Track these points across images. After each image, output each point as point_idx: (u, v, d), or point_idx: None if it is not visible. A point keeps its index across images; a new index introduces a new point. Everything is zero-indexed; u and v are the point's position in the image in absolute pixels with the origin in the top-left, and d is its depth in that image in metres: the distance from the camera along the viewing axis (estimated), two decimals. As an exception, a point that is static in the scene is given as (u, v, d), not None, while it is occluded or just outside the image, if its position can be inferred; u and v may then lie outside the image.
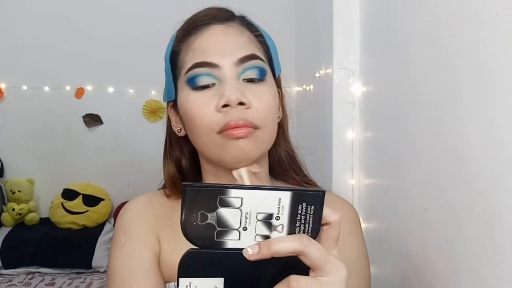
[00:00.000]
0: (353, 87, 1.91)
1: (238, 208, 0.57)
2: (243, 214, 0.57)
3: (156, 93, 4.18)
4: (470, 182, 1.04)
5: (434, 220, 1.24)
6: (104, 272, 3.70)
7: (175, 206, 1.07)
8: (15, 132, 4.19)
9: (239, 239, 0.58)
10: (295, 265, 0.58)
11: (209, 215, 0.56)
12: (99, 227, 3.99)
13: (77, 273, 3.71)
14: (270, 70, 1.01)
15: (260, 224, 0.58)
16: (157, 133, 1.15)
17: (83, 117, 4.24)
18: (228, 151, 0.91)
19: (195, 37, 0.97)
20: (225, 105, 0.89)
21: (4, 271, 3.65)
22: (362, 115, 1.89)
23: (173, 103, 1.04)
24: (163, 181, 1.12)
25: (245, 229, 0.58)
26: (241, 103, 0.90)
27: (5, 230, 3.87)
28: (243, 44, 0.96)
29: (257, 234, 0.58)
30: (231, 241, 0.58)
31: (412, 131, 1.38)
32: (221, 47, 0.95)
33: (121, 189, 4.20)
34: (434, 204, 1.24)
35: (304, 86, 3.04)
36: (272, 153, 1.10)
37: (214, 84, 0.93)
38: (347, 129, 1.94)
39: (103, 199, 4.10)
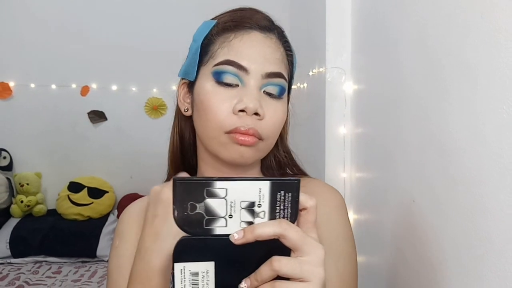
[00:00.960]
0: (345, 85, 1.91)
1: (223, 198, 0.60)
2: (228, 203, 0.60)
3: (157, 91, 4.18)
4: (455, 175, 1.04)
5: (421, 211, 1.24)
6: (108, 261, 3.69)
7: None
8: (23, 128, 4.19)
9: (226, 226, 0.61)
10: (278, 248, 0.60)
11: (197, 205, 0.59)
12: (103, 218, 3.99)
13: (83, 261, 3.72)
14: (288, 87, 1.04)
15: (244, 211, 0.61)
16: (158, 129, 1.16)
17: (88, 113, 4.24)
18: (229, 152, 0.94)
19: (235, 35, 0.97)
20: (242, 110, 0.91)
21: (13, 260, 3.64)
22: (353, 112, 1.89)
23: (189, 83, 1.04)
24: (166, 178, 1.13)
25: (230, 216, 0.61)
26: (256, 114, 0.92)
27: (14, 221, 3.87)
28: (276, 60, 0.97)
29: (242, 221, 0.61)
30: (219, 228, 0.61)
31: (400, 127, 1.38)
32: (256, 55, 0.95)
33: (124, 182, 4.21)
34: (421, 196, 1.24)
35: (298, 84, 3.04)
36: (270, 156, 1.10)
37: (237, 85, 0.94)
38: (339, 125, 1.94)
39: (107, 192, 4.10)
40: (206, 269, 0.61)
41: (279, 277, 0.60)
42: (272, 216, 0.62)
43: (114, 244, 1.04)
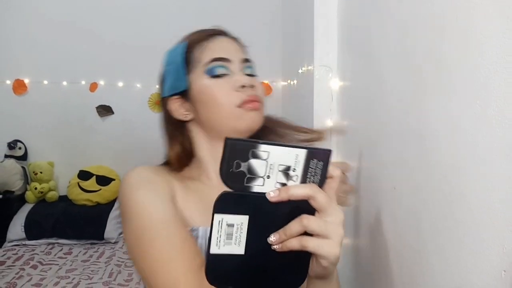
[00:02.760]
0: (332, 82, 1.90)
1: (265, 160, 0.62)
2: (268, 165, 0.63)
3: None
4: (433, 164, 1.04)
5: (402, 198, 1.23)
6: (115, 243, 3.71)
7: (176, 173, 1.10)
8: (37, 121, 4.20)
9: (263, 185, 0.63)
10: (305, 209, 0.64)
11: (242, 164, 0.62)
12: (110, 204, 4.00)
13: (91, 243, 3.72)
14: None
15: (280, 174, 0.64)
16: (160, 121, 1.16)
17: (97, 108, 4.24)
18: (244, 120, 1.03)
19: (208, 41, 1.09)
20: (243, 86, 1.04)
21: (27, 242, 3.65)
22: (339, 106, 1.88)
23: (181, 95, 1.09)
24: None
25: (268, 177, 0.63)
26: (252, 86, 1.06)
27: (28, 207, 3.88)
28: (243, 51, 1.14)
29: (277, 182, 0.64)
30: (257, 186, 0.63)
31: (382, 120, 1.38)
32: (230, 48, 1.10)
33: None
34: (402, 183, 1.24)
35: (289, 81, 3.04)
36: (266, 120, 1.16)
37: (227, 74, 1.06)
38: (326, 118, 1.93)
39: (113, 179, 4.10)
40: (241, 222, 0.63)
41: (304, 234, 0.64)
42: (303, 180, 0.65)
43: (142, 186, 0.97)
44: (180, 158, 1.11)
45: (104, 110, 4.24)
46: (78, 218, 3.75)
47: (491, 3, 0.81)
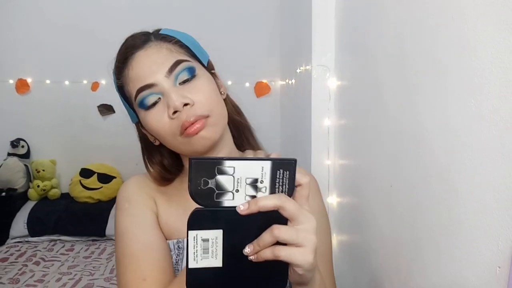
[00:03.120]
0: (329, 82, 1.90)
1: (231, 175, 0.63)
2: (235, 180, 0.63)
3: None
4: (428, 162, 1.04)
5: (398, 195, 1.23)
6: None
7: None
8: (39, 120, 4.18)
9: (233, 199, 0.64)
10: (277, 218, 0.64)
11: (209, 181, 0.62)
12: (112, 201, 3.96)
13: (93, 240, 3.72)
14: (198, 62, 1.03)
15: (248, 187, 0.64)
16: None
17: (98, 107, 4.22)
18: (196, 145, 0.95)
19: (127, 68, 0.98)
20: (175, 112, 0.92)
21: (30, 239, 3.65)
22: (336, 106, 1.88)
23: (140, 123, 1.05)
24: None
25: (237, 191, 0.64)
26: (186, 104, 0.93)
27: (31, 204, 3.86)
28: (164, 57, 0.96)
29: (247, 195, 0.64)
30: (227, 201, 0.64)
31: (378, 119, 1.38)
32: (149, 68, 0.95)
33: (130, 169, 4.18)
34: (398, 181, 1.24)
35: (287, 81, 3.03)
36: (229, 124, 1.11)
37: (159, 98, 0.95)
38: (323, 117, 1.93)
39: (115, 177, 4.09)
40: (215, 236, 0.64)
41: (278, 244, 0.64)
42: (272, 191, 0.65)
43: (123, 207, 1.04)
44: (162, 177, 1.10)
45: (106, 109, 4.22)
46: (80, 215, 3.74)
47: (486, 3, 0.81)
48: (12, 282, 2.88)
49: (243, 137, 1.17)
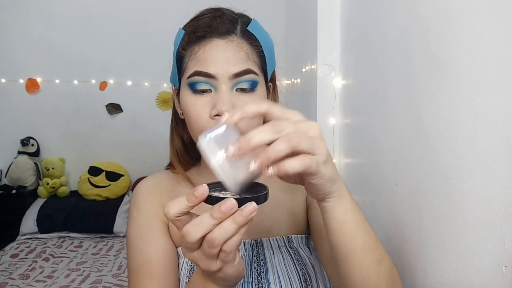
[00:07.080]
0: (334, 81, 1.89)
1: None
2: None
3: (168, 86, 4.17)
4: (434, 161, 1.03)
5: (403, 193, 1.23)
6: (124, 236, 3.73)
7: (178, 180, 1.09)
8: (49, 119, 4.23)
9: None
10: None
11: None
12: (120, 199, 4.01)
13: (101, 237, 3.75)
14: (263, 76, 0.99)
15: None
16: (168, 119, 1.15)
17: (106, 106, 4.26)
18: None
19: (198, 46, 0.93)
20: (217, 115, 0.89)
21: (40, 235, 3.68)
22: (342, 104, 1.87)
23: (178, 91, 1.01)
24: (167, 164, 1.14)
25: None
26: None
27: (40, 201, 3.90)
28: (240, 60, 0.92)
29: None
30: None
31: (384, 118, 1.37)
32: (220, 61, 0.91)
33: (138, 167, 4.24)
34: (403, 180, 1.23)
35: (292, 80, 3.02)
36: None
37: (210, 90, 0.92)
38: (329, 116, 1.92)
39: (123, 175, 4.12)
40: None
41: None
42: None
43: (132, 215, 1.03)
44: (181, 155, 1.08)
45: (114, 108, 4.25)
46: (88, 213, 3.77)
47: (491, 2, 0.80)
48: (23, 278, 2.90)
49: None
